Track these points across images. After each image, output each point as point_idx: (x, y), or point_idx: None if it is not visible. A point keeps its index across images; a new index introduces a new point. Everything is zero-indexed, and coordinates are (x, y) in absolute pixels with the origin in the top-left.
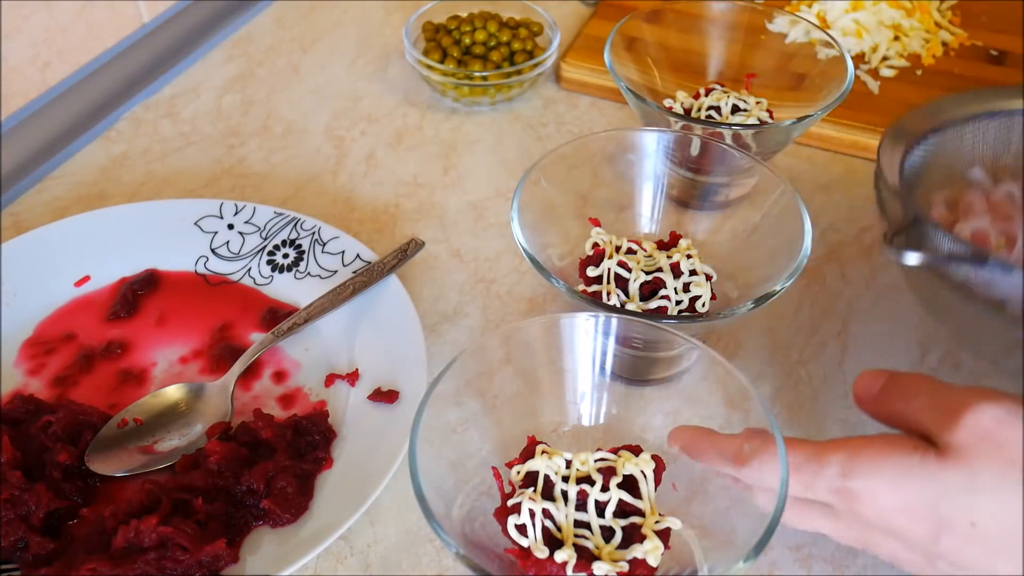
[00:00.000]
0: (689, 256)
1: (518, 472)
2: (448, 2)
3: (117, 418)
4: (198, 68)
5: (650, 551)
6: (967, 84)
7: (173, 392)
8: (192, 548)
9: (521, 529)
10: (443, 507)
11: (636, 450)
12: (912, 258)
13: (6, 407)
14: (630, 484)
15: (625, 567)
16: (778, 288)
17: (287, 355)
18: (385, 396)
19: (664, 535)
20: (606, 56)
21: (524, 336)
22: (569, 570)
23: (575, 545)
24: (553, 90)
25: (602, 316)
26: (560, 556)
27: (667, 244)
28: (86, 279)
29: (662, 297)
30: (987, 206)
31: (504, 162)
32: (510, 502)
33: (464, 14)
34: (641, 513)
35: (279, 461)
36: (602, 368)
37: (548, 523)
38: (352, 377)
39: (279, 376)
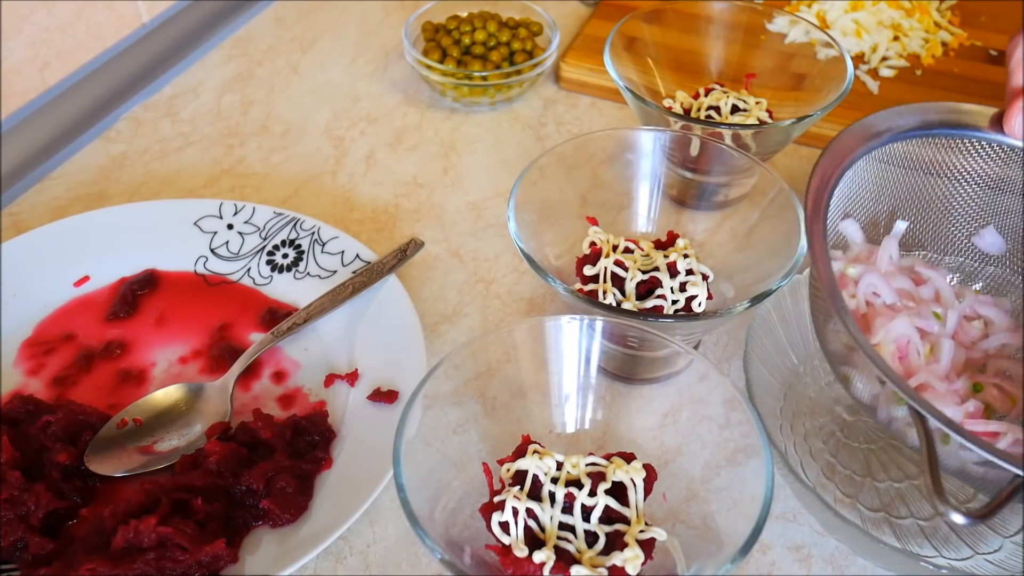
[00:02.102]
0: (686, 256)
1: (507, 470)
2: (448, 2)
3: (116, 418)
4: (198, 68)
5: (630, 559)
6: (967, 84)
7: (173, 392)
8: (191, 548)
9: (504, 526)
10: (427, 508)
11: (630, 457)
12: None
13: (6, 407)
14: (619, 491)
15: (604, 573)
16: (774, 287)
17: (286, 355)
18: (384, 396)
19: (648, 545)
20: (605, 56)
21: (513, 339)
22: (546, 571)
23: (556, 547)
24: (553, 90)
25: (586, 318)
26: (539, 556)
27: (664, 243)
28: (85, 279)
29: (658, 296)
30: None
31: (504, 162)
32: (496, 499)
33: (464, 14)
34: (627, 521)
35: (278, 461)
36: (598, 369)
37: (532, 523)
38: (351, 377)
39: (279, 376)
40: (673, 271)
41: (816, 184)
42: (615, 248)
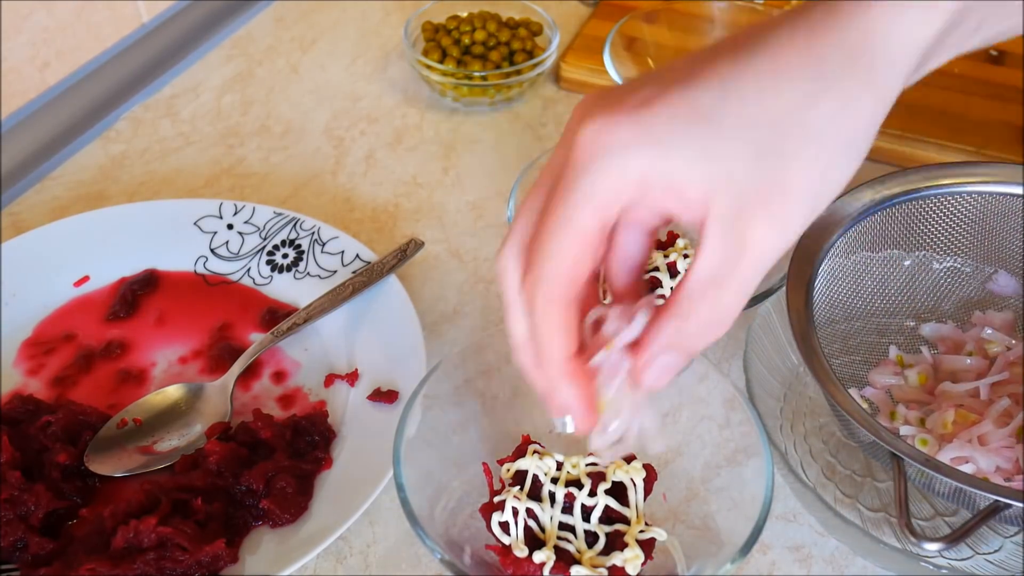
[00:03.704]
0: (686, 255)
1: (507, 470)
2: (448, 2)
3: (116, 418)
4: (198, 68)
5: (630, 559)
6: (967, 84)
7: (172, 392)
8: (191, 548)
9: (504, 527)
10: (427, 508)
11: (630, 457)
12: (934, 547)
13: (5, 407)
14: (619, 491)
15: (604, 573)
16: (774, 287)
17: (287, 355)
18: (384, 396)
19: (648, 545)
20: (605, 56)
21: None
22: (546, 571)
23: (556, 547)
24: (552, 90)
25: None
26: (539, 556)
27: (664, 244)
28: (85, 279)
29: (659, 296)
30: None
31: (503, 162)
32: (496, 499)
33: (464, 14)
34: (627, 521)
35: (278, 461)
36: None
37: (532, 523)
38: (351, 377)
39: (279, 376)
40: (673, 271)
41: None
42: None
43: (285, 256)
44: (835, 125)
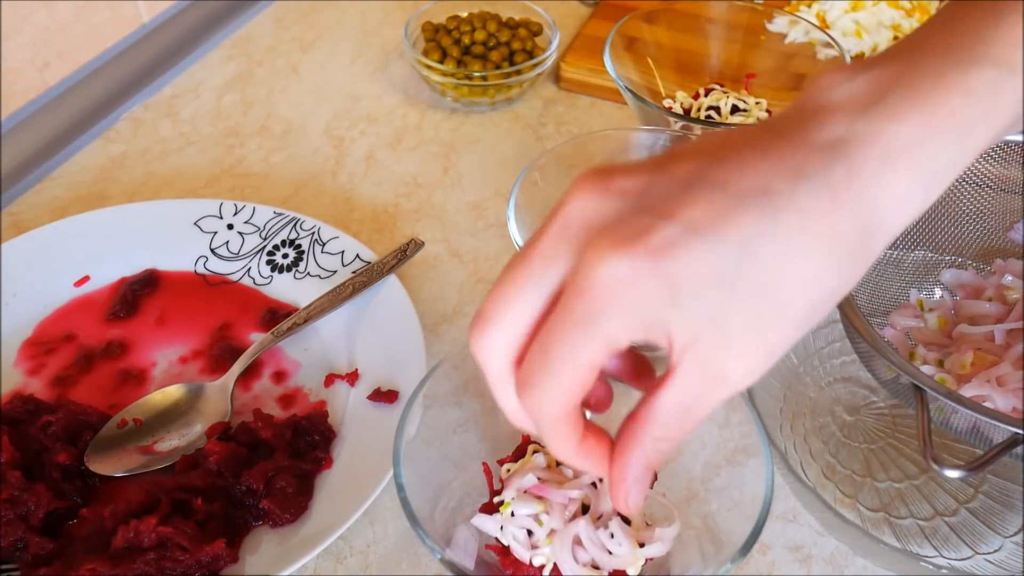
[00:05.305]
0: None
1: (507, 470)
2: (448, 2)
3: (117, 418)
4: (198, 68)
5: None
6: None
7: (173, 392)
8: (191, 548)
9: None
10: (428, 509)
11: None
12: (955, 473)
13: (6, 407)
14: None
15: (604, 573)
16: None
17: (287, 355)
18: (384, 396)
19: None
20: (606, 56)
21: None
22: (546, 572)
23: None
24: (552, 90)
25: None
26: (538, 559)
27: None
28: (86, 279)
29: None
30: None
31: (504, 162)
32: (496, 499)
33: (464, 14)
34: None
35: (278, 461)
36: None
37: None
38: (352, 377)
39: (279, 376)
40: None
41: None
42: None
43: (285, 256)
44: (831, 296)
